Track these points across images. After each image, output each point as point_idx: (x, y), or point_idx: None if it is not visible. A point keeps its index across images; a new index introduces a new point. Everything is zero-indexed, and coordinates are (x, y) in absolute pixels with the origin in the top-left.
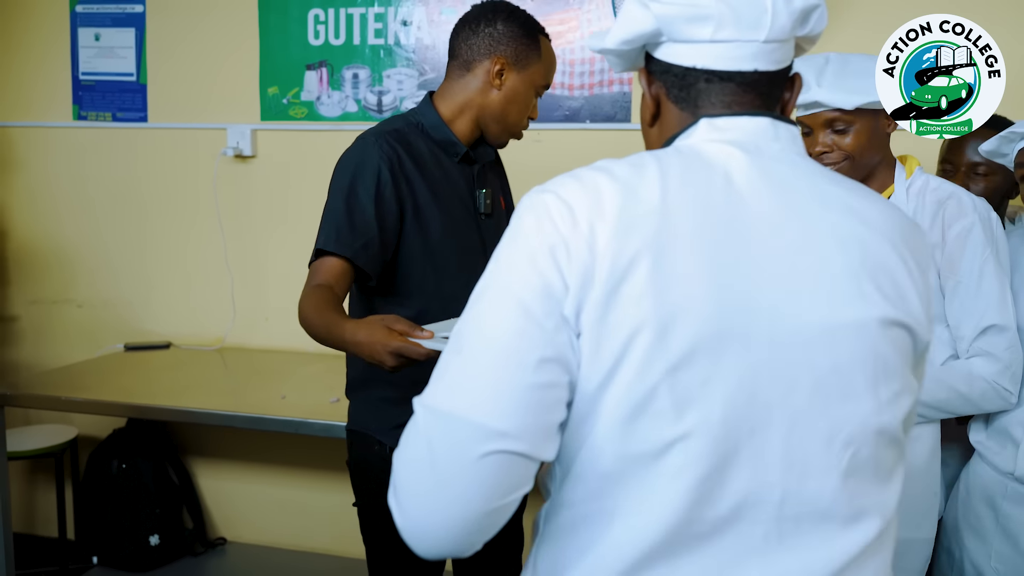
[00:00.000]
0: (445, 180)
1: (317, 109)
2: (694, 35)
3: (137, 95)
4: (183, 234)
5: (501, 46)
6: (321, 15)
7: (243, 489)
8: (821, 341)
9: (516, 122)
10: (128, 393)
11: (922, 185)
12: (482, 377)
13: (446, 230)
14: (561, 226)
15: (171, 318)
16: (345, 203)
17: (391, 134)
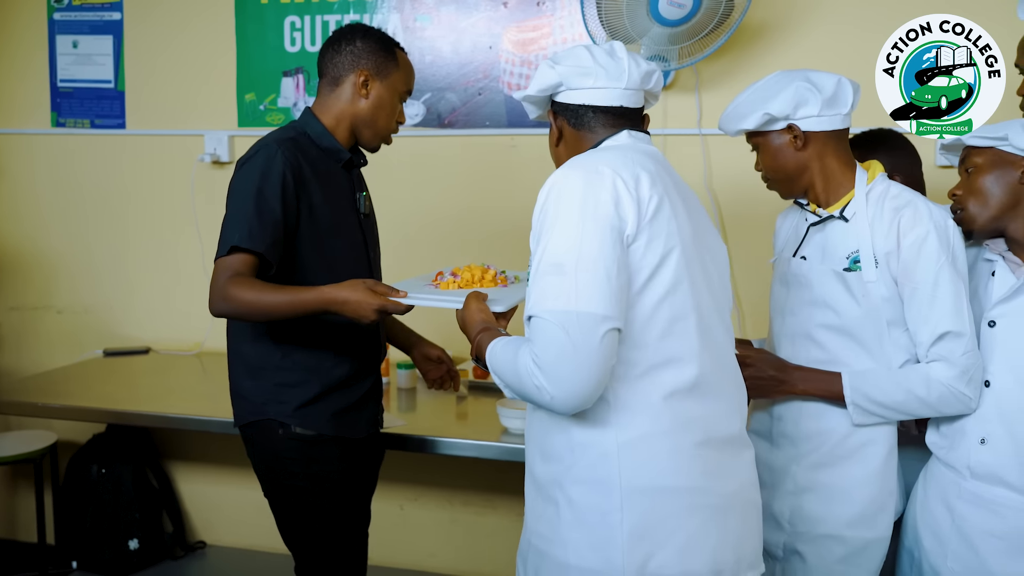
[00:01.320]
0: (333, 183)
1: (294, 115)
2: (582, 84)
3: (115, 102)
4: (162, 239)
5: (363, 60)
6: (297, 22)
7: (222, 492)
8: (717, 254)
9: (385, 126)
10: (107, 399)
11: (882, 192)
12: (590, 284)
13: (335, 228)
14: (619, 185)
15: (150, 323)
16: (255, 204)
17: (289, 142)
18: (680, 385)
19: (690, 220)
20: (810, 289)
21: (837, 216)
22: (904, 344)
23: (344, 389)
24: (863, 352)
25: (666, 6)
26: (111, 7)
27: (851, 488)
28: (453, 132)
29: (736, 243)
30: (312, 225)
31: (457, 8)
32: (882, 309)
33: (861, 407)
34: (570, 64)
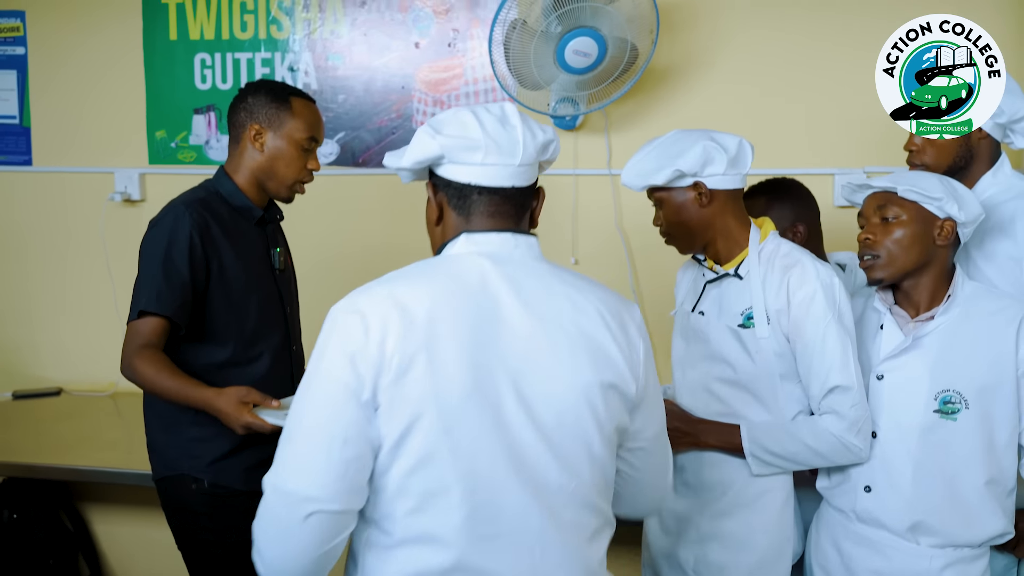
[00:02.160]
0: (245, 241)
1: (206, 153)
2: (469, 159)
3: (20, 138)
4: (71, 278)
5: (254, 114)
6: (208, 60)
7: (140, 534)
8: (550, 402)
9: (288, 176)
10: (19, 449)
11: (773, 250)
12: (302, 456)
13: (247, 285)
14: (358, 337)
15: (61, 364)
16: (163, 267)
17: (198, 203)
18: (429, 568)
19: (484, 366)
20: (707, 344)
21: (732, 274)
22: (797, 396)
23: (259, 444)
24: (758, 405)
25: (572, 55)
26: (14, 41)
27: (752, 535)
28: (367, 171)
29: (648, 283)
30: (223, 284)
31: (369, 48)
32: (775, 364)
33: (759, 458)
34: (454, 134)
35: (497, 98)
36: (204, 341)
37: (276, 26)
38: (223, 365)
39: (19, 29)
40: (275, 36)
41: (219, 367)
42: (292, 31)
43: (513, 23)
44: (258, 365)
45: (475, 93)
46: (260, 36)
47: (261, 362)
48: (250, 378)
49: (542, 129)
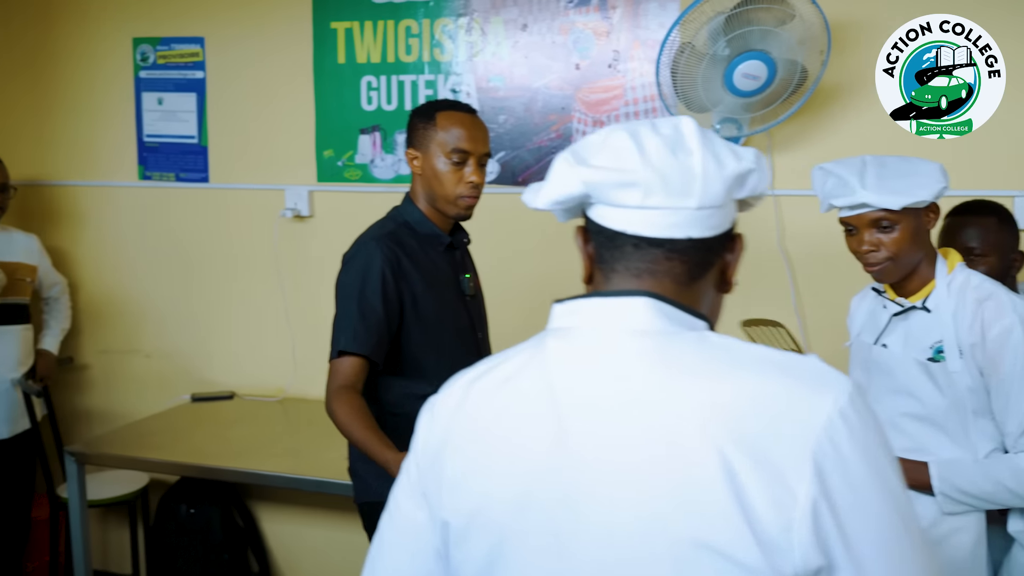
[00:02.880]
0: (435, 270)
1: (371, 171)
2: (623, 200)
3: (199, 156)
4: (245, 288)
5: (410, 140)
6: (374, 82)
7: (307, 533)
8: (610, 544)
9: (448, 193)
10: (197, 451)
11: (963, 282)
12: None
13: (440, 315)
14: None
15: (235, 369)
16: (358, 306)
17: (388, 237)
18: None
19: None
20: (892, 377)
21: (920, 306)
22: (990, 433)
23: None
24: (948, 441)
25: (741, 79)
26: (194, 66)
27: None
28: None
29: (812, 304)
30: (417, 317)
31: (530, 69)
32: (967, 399)
33: (950, 497)
34: (603, 165)
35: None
36: (401, 374)
37: (439, 49)
38: (422, 397)
39: (199, 54)
40: (438, 59)
41: (418, 398)
42: (455, 54)
43: (681, 47)
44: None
45: (635, 113)
46: (424, 59)
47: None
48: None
49: (734, 154)
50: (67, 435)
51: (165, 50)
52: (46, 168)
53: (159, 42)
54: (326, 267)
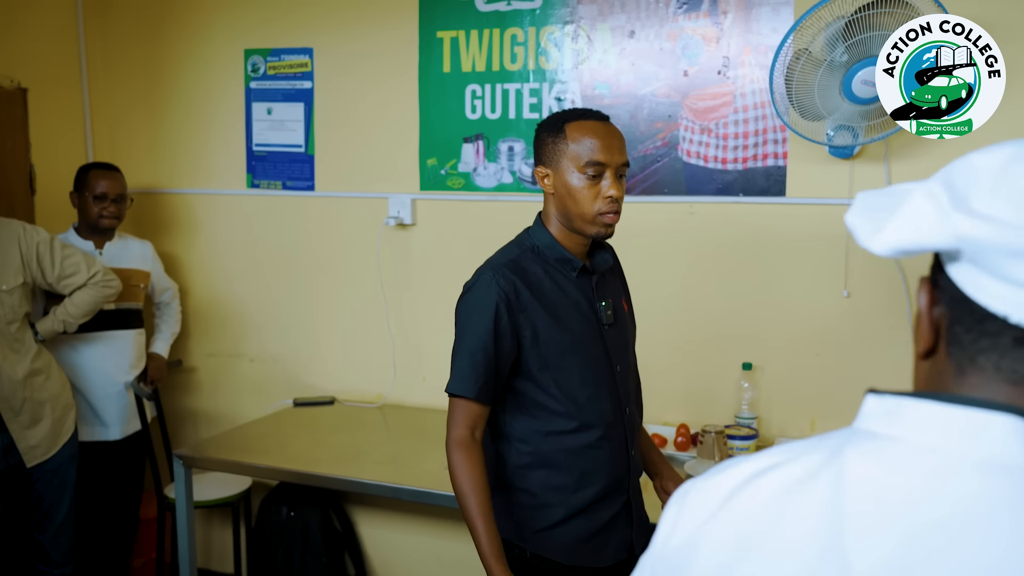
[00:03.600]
0: (563, 299)
1: (474, 180)
2: (1015, 274)
3: (305, 165)
4: (347, 295)
5: (538, 157)
6: (478, 91)
7: (403, 538)
8: None
9: (585, 211)
10: (297, 455)
11: None
12: None
13: (566, 349)
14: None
15: (335, 375)
16: (468, 344)
17: (508, 266)
18: None
19: None
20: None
21: None
22: None
23: (589, 513)
24: None
25: (860, 85)
26: (302, 76)
27: None
28: (631, 199)
29: None
30: (538, 353)
31: (636, 77)
32: None
33: None
34: (998, 218)
35: (768, 127)
36: (525, 409)
37: (545, 57)
38: (547, 434)
39: (307, 65)
40: (543, 67)
41: (543, 435)
42: (560, 61)
43: (797, 53)
44: (586, 435)
45: (744, 120)
46: (529, 67)
47: (590, 432)
48: (577, 448)
49: None
50: (174, 436)
51: (275, 61)
52: (160, 176)
53: (269, 53)
54: (428, 275)
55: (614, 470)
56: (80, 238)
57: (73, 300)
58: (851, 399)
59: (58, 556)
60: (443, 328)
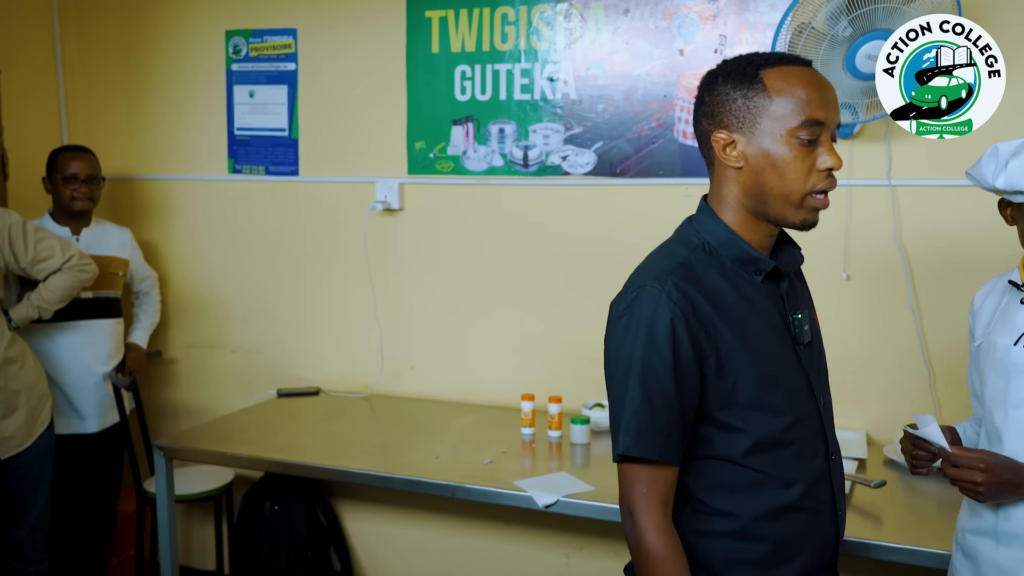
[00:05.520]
0: (751, 314)
1: (463, 163)
2: None
3: (289, 149)
4: (332, 283)
5: (717, 117)
6: (468, 71)
7: (390, 531)
8: None
9: (790, 190)
10: (285, 447)
11: None
12: None
13: (761, 380)
14: None
15: (321, 364)
16: (641, 386)
17: (678, 273)
18: None
19: None
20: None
21: None
22: None
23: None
24: None
25: (863, 60)
26: (286, 58)
27: None
28: (625, 181)
29: (929, 304)
30: (722, 384)
31: (631, 56)
32: None
33: None
34: None
35: None
36: (706, 458)
37: (536, 37)
38: (734, 488)
39: (291, 46)
40: (535, 46)
41: (729, 490)
42: (553, 41)
43: (799, 27)
44: (789, 492)
45: None
46: (520, 47)
47: (791, 489)
48: (773, 511)
49: None
50: (153, 430)
51: (257, 42)
52: (139, 162)
53: (251, 34)
54: (416, 261)
55: (821, 540)
56: (56, 224)
57: (48, 285)
58: (850, 384)
59: (33, 553)
60: (433, 316)
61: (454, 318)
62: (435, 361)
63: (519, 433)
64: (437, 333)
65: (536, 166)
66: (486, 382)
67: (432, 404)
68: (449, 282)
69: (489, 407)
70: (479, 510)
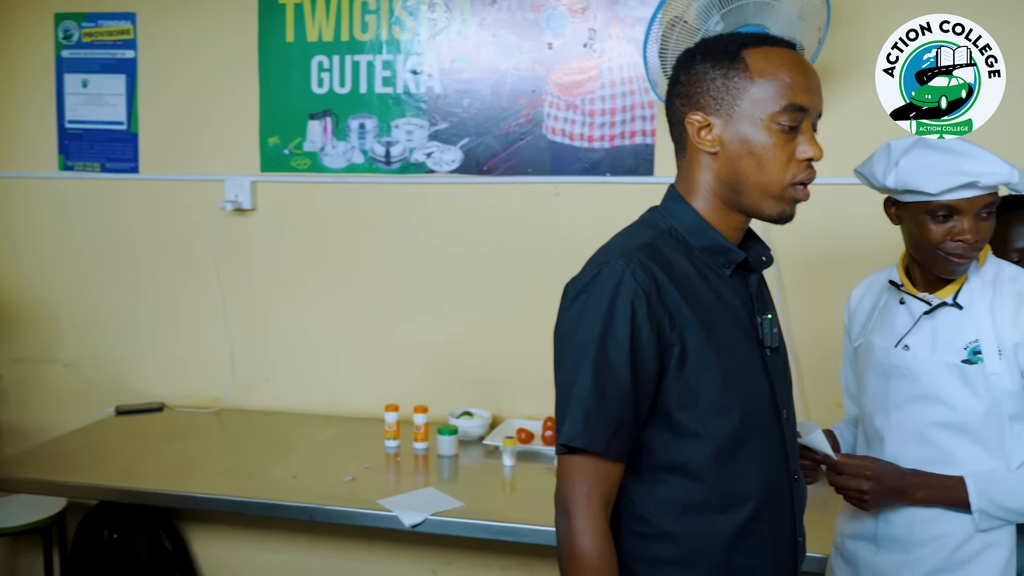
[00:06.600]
0: (720, 307)
1: (321, 160)
2: None
3: (128, 144)
4: (178, 290)
5: (692, 98)
6: (325, 62)
7: (243, 557)
8: None
9: (769, 180)
10: (120, 471)
11: (996, 273)
12: None
13: (726, 382)
14: None
15: (165, 378)
16: (594, 371)
17: (645, 252)
18: None
19: None
20: (918, 383)
21: (951, 303)
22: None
23: None
24: (981, 450)
25: None
26: (124, 44)
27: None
28: (492, 179)
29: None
30: (683, 379)
31: (498, 49)
32: (1005, 403)
33: (988, 513)
34: None
35: (636, 103)
36: (658, 470)
37: (399, 27)
38: (684, 509)
39: (129, 32)
40: (397, 37)
41: (679, 511)
42: (416, 31)
43: (672, 22)
44: (737, 513)
45: (611, 96)
46: (382, 37)
47: (743, 508)
48: (726, 532)
49: None
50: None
51: (91, 27)
52: None
53: (84, 18)
54: (270, 265)
55: (779, 567)
56: None
57: None
58: None
59: None
60: (289, 323)
61: (312, 325)
62: (292, 371)
63: (383, 446)
64: (294, 341)
65: (399, 163)
66: (347, 392)
67: (289, 418)
68: (306, 287)
69: (351, 419)
70: (341, 530)
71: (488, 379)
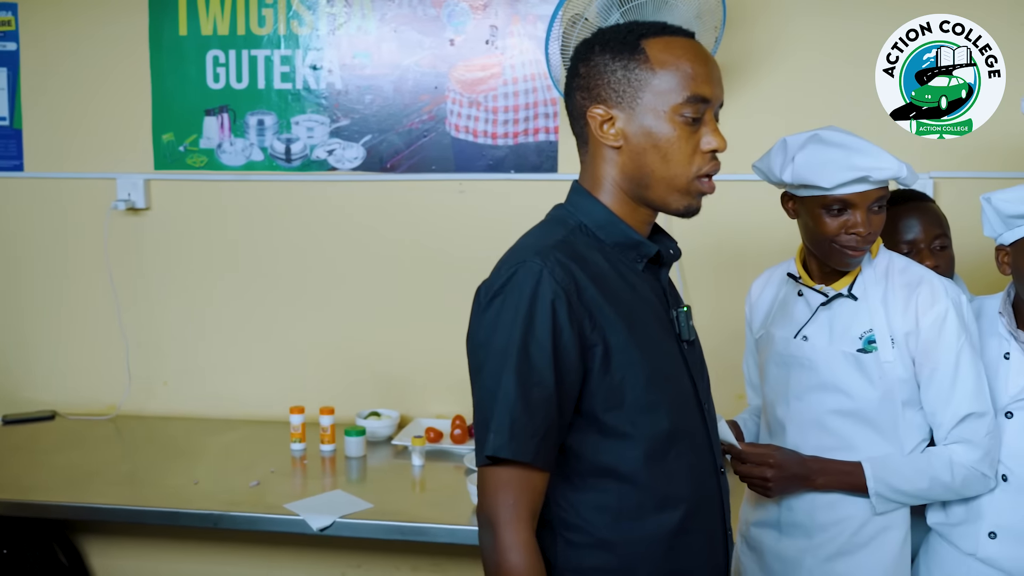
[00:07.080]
0: (637, 302)
1: (218, 157)
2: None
3: (11, 141)
4: (68, 293)
5: (593, 91)
6: (221, 57)
7: (144, 568)
8: None
9: (675, 173)
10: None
11: (887, 265)
12: None
13: (651, 379)
14: None
15: (55, 385)
16: (518, 377)
17: (561, 249)
18: None
19: None
20: (816, 373)
21: (846, 294)
22: (918, 424)
23: None
24: (877, 436)
25: None
26: (5, 36)
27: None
28: (396, 177)
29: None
30: (608, 380)
31: (399, 45)
32: (898, 390)
33: (884, 497)
34: None
35: (539, 100)
36: (575, 480)
37: (297, 21)
38: (619, 514)
39: (11, 23)
40: (296, 32)
41: (614, 517)
42: (315, 26)
43: (573, 19)
44: (672, 514)
45: (514, 93)
46: (280, 32)
47: (678, 509)
48: (661, 536)
49: None
50: None
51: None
52: None
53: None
54: (166, 266)
55: (713, 562)
56: None
57: None
58: None
59: None
60: (187, 325)
61: (213, 327)
62: (192, 375)
63: (288, 449)
64: (193, 344)
65: (300, 160)
66: (250, 395)
67: (190, 423)
68: (205, 288)
69: (255, 422)
70: (246, 536)
71: (395, 378)
